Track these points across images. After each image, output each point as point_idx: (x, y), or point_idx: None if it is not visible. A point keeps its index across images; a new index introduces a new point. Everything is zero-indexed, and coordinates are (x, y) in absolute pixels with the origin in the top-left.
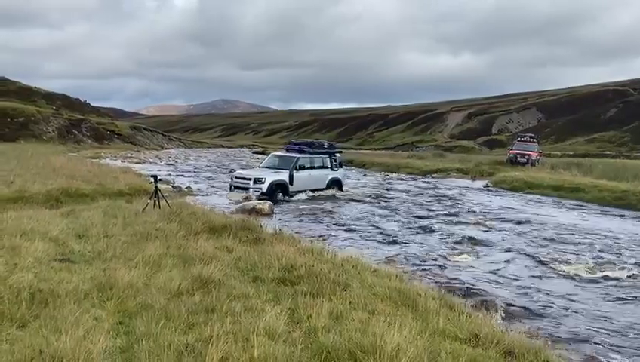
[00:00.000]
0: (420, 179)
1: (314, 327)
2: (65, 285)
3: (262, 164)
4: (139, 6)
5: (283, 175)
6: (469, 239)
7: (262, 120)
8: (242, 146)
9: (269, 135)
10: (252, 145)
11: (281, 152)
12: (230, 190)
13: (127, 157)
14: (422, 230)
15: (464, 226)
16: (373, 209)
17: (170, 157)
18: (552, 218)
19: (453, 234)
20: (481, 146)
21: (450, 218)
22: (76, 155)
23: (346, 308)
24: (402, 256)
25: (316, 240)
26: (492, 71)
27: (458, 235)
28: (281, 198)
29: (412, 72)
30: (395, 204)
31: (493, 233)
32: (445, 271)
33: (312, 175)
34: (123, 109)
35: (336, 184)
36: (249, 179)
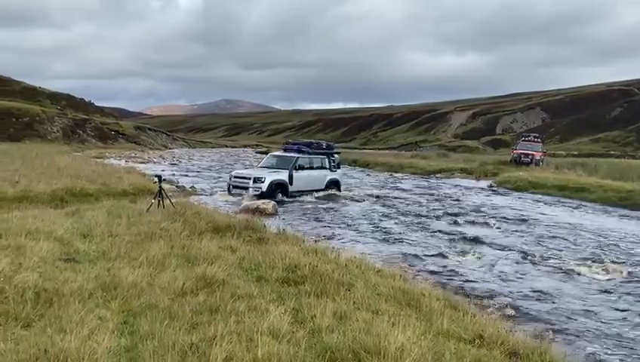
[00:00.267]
0: (424, 179)
1: (318, 327)
2: (69, 284)
3: (260, 164)
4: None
5: (283, 174)
6: (474, 239)
7: (265, 120)
8: (246, 146)
9: (273, 135)
10: (256, 145)
11: (279, 152)
12: (228, 190)
13: (131, 157)
14: (426, 230)
15: (468, 226)
16: (376, 209)
17: (174, 157)
18: (557, 218)
19: (457, 233)
20: (485, 146)
21: (454, 218)
22: (80, 155)
23: (350, 308)
24: (406, 256)
25: (320, 240)
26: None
27: (462, 235)
28: (280, 199)
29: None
30: (399, 204)
31: (497, 233)
32: (449, 271)
33: (312, 175)
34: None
35: (334, 185)
36: (248, 179)
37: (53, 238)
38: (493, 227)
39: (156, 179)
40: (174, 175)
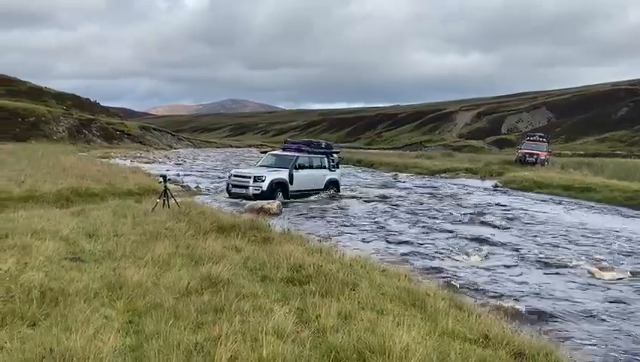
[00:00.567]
0: (429, 179)
1: (322, 327)
2: (75, 284)
3: (259, 163)
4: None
5: (283, 174)
6: (478, 238)
7: (270, 120)
8: (250, 146)
9: (278, 135)
10: (260, 144)
11: (278, 151)
12: (227, 189)
13: (136, 156)
14: (430, 229)
15: (473, 226)
16: (381, 208)
17: (179, 157)
18: (562, 218)
19: (462, 233)
20: (490, 146)
21: (459, 217)
22: (86, 155)
23: (355, 308)
24: (411, 256)
25: (324, 239)
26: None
27: (467, 235)
28: (279, 200)
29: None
30: (404, 204)
31: (502, 233)
32: (454, 271)
33: (311, 175)
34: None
35: (333, 185)
36: (248, 178)
37: (58, 238)
38: (498, 227)
39: (161, 179)
40: (179, 175)
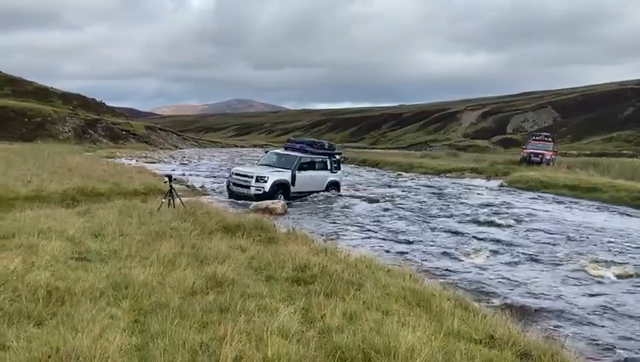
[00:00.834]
0: (434, 179)
1: (327, 327)
2: (81, 283)
3: (260, 162)
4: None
5: (285, 174)
6: (484, 238)
7: (275, 119)
8: (255, 146)
9: (282, 134)
10: (265, 144)
11: (281, 150)
12: (227, 188)
13: (142, 156)
14: (436, 229)
15: (479, 226)
16: (386, 208)
17: (184, 157)
18: (567, 218)
19: (467, 233)
20: (495, 146)
21: (464, 217)
22: (92, 155)
23: (360, 308)
24: (416, 256)
25: (329, 239)
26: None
27: (473, 235)
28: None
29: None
30: (409, 204)
31: (508, 232)
32: (459, 271)
33: (313, 176)
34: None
35: (334, 186)
36: (250, 177)
37: (64, 237)
38: (503, 226)
39: (167, 179)
40: (184, 175)
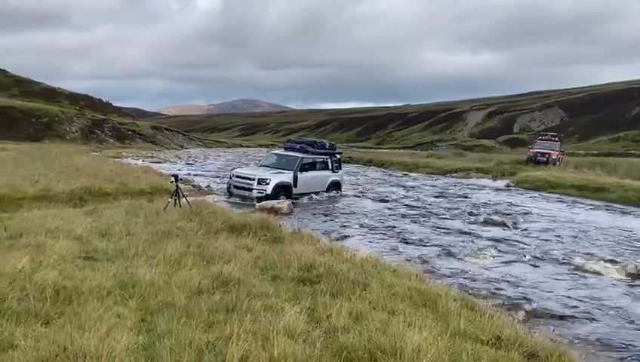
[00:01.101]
0: (440, 179)
1: (333, 327)
2: (88, 283)
3: (261, 163)
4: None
5: (287, 176)
6: (491, 239)
7: (280, 119)
8: (261, 146)
9: (288, 134)
10: (271, 144)
11: (281, 151)
12: (228, 190)
13: (148, 156)
14: (441, 229)
15: (485, 226)
16: (392, 208)
17: (190, 156)
18: (576, 218)
19: (473, 233)
20: (502, 145)
21: (470, 217)
22: (99, 155)
23: (366, 308)
24: (422, 256)
25: (335, 239)
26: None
27: (478, 235)
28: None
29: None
30: (415, 204)
31: (515, 233)
32: (466, 272)
33: (315, 177)
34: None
35: (336, 186)
36: (252, 179)
37: (72, 237)
38: (510, 227)
39: (173, 179)
40: (190, 174)
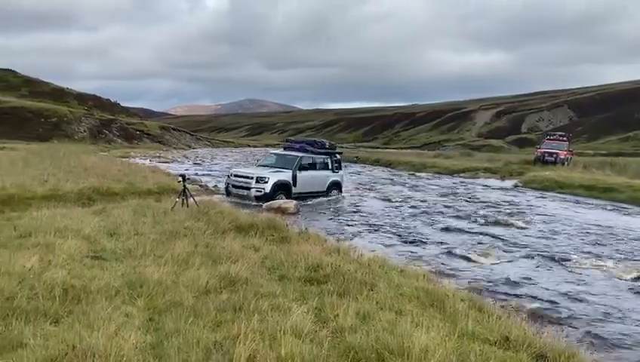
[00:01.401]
0: (447, 179)
1: (341, 327)
2: (97, 282)
3: (260, 163)
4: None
5: (286, 175)
6: (498, 239)
7: (287, 119)
8: (268, 145)
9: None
10: (277, 144)
11: (280, 150)
12: (226, 189)
13: (155, 156)
14: (449, 229)
15: (493, 226)
16: (399, 208)
17: (197, 156)
18: (584, 218)
19: (481, 233)
20: (510, 145)
21: (478, 218)
22: (107, 155)
23: (373, 308)
24: (429, 256)
25: (342, 239)
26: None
27: (486, 235)
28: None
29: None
30: (422, 204)
31: (523, 233)
32: (473, 271)
33: (315, 176)
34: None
35: (336, 187)
36: (251, 178)
37: (80, 236)
38: (517, 227)
39: (180, 179)
40: (198, 174)
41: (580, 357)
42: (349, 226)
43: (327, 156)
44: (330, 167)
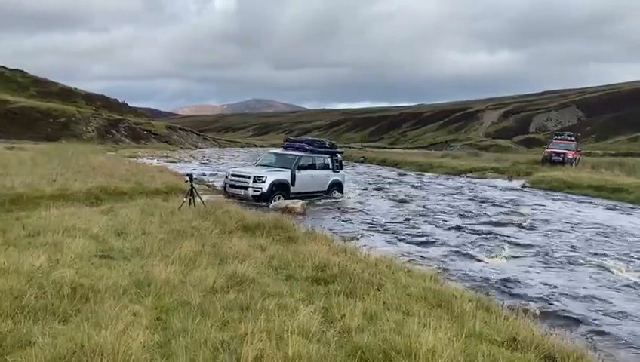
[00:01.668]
0: (454, 179)
1: (348, 327)
2: (105, 281)
3: (258, 162)
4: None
5: (285, 174)
6: (506, 240)
7: (294, 119)
8: (274, 145)
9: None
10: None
11: (279, 150)
12: (224, 189)
13: (163, 156)
14: (456, 229)
15: (500, 226)
16: (406, 208)
17: (204, 156)
18: (592, 219)
19: (488, 233)
20: (517, 145)
21: (485, 218)
22: (114, 155)
23: (380, 309)
24: (436, 256)
25: (349, 239)
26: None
27: (494, 235)
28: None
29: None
30: (429, 204)
31: (531, 234)
32: (481, 272)
33: (314, 176)
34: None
35: (337, 187)
36: (248, 178)
37: (88, 236)
38: (525, 227)
39: (187, 178)
40: (205, 174)
41: (589, 358)
42: (356, 226)
43: (327, 155)
44: (330, 167)
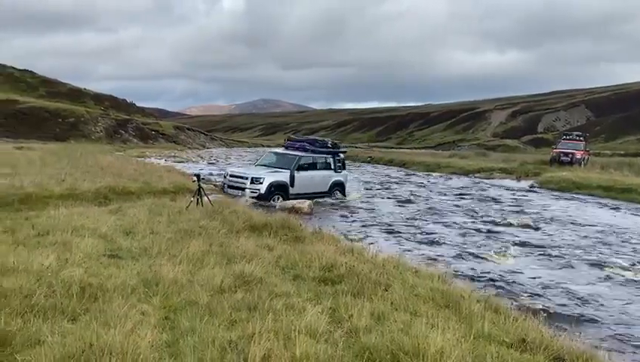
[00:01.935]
0: (462, 179)
1: (355, 327)
2: (113, 280)
3: (258, 162)
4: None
5: (283, 175)
6: (514, 240)
7: (301, 119)
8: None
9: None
10: None
11: (280, 149)
12: (223, 190)
13: (170, 156)
14: (464, 230)
15: (508, 227)
16: (413, 208)
17: (211, 156)
18: (601, 219)
19: (496, 234)
20: (525, 145)
21: (493, 218)
22: (122, 154)
23: (388, 309)
24: (444, 257)
25: (356, 239)
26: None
27: (502, 236)
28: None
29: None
30: (436, 204)
31: (539, 234)
32: (489, 272)
33: (315, 177)
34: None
35: (339, 187)
36: (245, 178)
37: (97, 235)
38: (533, 228)
39: (195, 178)
40: (212, 174)
41: (599, 360)
42: (363, 226)
43: (329, 155)
44: (332, 167)
